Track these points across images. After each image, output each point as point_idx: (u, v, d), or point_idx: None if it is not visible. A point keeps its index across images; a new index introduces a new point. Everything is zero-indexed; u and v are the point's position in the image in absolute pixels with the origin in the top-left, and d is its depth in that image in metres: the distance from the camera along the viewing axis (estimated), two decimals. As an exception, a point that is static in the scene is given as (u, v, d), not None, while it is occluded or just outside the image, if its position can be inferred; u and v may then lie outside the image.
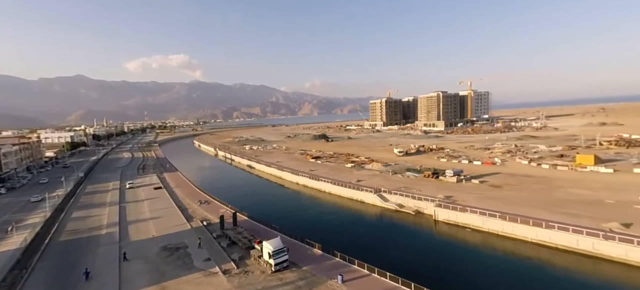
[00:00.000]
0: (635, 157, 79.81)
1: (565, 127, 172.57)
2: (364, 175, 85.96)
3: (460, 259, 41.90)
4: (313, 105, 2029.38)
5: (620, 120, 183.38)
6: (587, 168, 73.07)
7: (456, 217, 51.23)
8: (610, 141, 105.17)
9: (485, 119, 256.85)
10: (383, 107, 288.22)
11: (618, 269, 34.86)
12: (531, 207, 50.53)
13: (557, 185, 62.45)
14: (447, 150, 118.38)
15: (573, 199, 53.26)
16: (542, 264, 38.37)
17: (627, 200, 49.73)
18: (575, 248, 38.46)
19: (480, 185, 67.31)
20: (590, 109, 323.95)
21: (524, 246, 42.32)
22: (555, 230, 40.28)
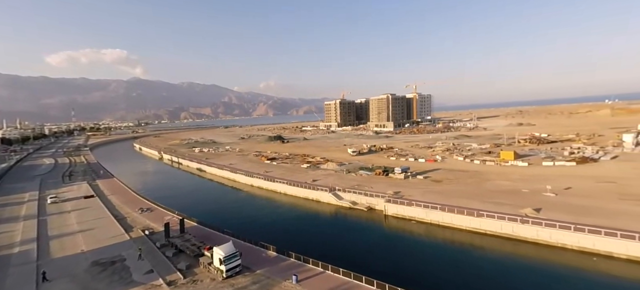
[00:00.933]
0: (543, 153, 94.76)
1: (492, 127, 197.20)
2: (320, 175, 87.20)
3: (406, 249, 45.09)
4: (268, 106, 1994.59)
5: (533, 121, 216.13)
6: (508, 162, 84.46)
7: (404, 211, 54.98)
8: (526, 139, 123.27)
9: (429, 120, 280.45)
10: (337, 108, 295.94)
11: (532, 248, 40.96)
12: (466, 199, 56.59)
13: (486, 178, 70.96)
14: (396, 149, 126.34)
15: (498, 190, 61.12)
16: (474, 248, 43.29)
17: (538, 189, 58.74)
18: (500, 232, 44.18)
19: (424, 181, 73.23)
20: (511, 111, 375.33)
21: (460, 234, 47.19)
22: (484, 218, 45.80)
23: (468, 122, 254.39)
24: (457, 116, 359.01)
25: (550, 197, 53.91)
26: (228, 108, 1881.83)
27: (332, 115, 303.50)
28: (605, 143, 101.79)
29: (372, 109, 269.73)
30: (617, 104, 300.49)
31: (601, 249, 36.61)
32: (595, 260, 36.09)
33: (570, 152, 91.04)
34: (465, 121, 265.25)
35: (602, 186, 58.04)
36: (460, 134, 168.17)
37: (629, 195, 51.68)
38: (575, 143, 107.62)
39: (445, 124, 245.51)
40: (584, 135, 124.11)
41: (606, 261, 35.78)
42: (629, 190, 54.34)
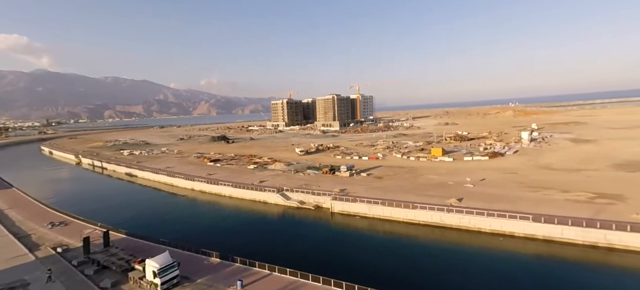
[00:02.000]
0: (464, 149, 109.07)
1: (424, 127, 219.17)
2: (267, 175, 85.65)
3: (352, 244, 47.32)
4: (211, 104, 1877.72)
5: (456, 121, 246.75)
6: (437, 158, 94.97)
7: (349, 208, 57.54)
8: (451, 137, 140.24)
9: (371, 119, 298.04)
10: (284, 107, 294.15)
11: (455, 234, 46.82)
12: (404, 193, 61.88)
13: (419, 173, 78.57)
14: (342, 148, 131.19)
15: (429, 183, 68.30)
16: (410, 238, 47.67)
17: (460, 181, 67.42)
18: (430, 222, 49.48)
19: (368, 178, 77.69)
20: (439, 112, 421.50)
21: (398, 226, 51.40)
22: (418, 209, 50.75)
23: (405, 121, 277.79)
24: (396, 116, 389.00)
25: (469, 187, 62.29)
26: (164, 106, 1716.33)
27: (280, 115, 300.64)
28: (509, 140, 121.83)
29: (319, 109, 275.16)
30: (517, 106, 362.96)
31: (506, 230, 43.80)
32: (502, 240, 43.02)
33: (484, 148, 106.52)
34: (402, 121, 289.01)
35: (507, 176, 69.37)
36: (398, 133, 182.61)
37: (526, 183, 62.85)
38: (487, 140, 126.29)
39: (386, 123, 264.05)
40: (494, 133, 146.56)
41: (509, 240, 42.92)
42: (525, 179, 66.06)
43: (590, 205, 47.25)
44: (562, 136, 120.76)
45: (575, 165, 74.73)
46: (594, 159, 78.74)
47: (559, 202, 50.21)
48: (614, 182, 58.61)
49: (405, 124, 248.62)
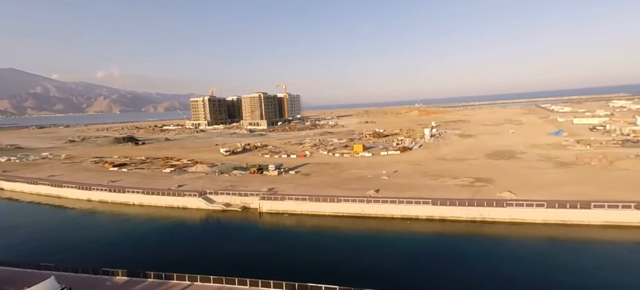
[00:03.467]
0: (381, 145, 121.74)
1: (348, 125, 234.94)
2: (187, 179, 78.48)
3: (281, 242, 47.69)
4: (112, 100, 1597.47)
5: (374, 119, 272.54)
6: (359, 154, 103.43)
7: (277, 206, 57.63)
8: (370, 134, 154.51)
9: (299, 118, 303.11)
10: (206, 105, 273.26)
11: (374, 222, 52.11)
12: (330, 188, 65.34)
13: (344, 169, 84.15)
14: (270, 146, 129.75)
15: (352, 177, 73.94)
16: (335, 230, 50.89)
17: (378, 174, 75.12)
18: (353, 213, 53.77)
19: (296, 175, 79.11)
20: (360, 112, 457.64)
21: (325, 219, 54.14)
22: (342, 202, 54.53)
23: (330, 120, 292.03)
24: (322, 115, 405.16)
25: (385, 179, 70.02)
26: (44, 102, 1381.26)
27: (201, 113, 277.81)
28: (416, 136, 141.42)
29: (245, 107, 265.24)
30: (421, 106, 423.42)
31: (413, 214, 51.04)
32: (409, 223, 50.00)
33: (396, 144, 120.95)
34: (328, 119, 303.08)
35: (414, 167, 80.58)
36: (324, 131, 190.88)
37: (427, 172, 74.26)
38: (399, 136, 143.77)
39: (313, 122, 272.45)
40: (404, 130, 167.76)
41: (415, 222, 50.17)
42: (427, 169, 77.98)
43: (471, 188, 59.06)
44: (453, 132, 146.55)
45: (461, 155, 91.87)
46: (473, 150, 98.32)
47: (451, 186, 61.12)
48: (486, 168, 74.48)
49: (331, 123, 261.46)
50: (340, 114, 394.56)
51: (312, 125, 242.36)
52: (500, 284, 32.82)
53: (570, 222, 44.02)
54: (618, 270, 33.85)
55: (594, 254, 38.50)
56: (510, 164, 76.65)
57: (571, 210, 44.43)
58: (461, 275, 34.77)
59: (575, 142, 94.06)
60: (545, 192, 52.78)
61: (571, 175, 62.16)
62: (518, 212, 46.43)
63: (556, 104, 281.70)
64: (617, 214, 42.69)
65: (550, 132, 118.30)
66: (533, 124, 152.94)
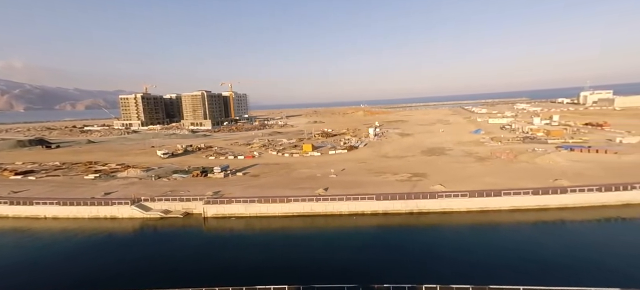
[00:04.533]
0: (329, 144, 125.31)
1: (297, 125, 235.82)
2: (116, 185, 69.84)
3: (228, 246, 45.78)
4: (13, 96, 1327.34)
5: (323, 119, 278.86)
6: (308, 153, 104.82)
7: (224, 210, 55.09)
8: (319, 134, 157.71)
9: (246, 118, 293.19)
10: (139, 103, 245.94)
11: (323, 219, 53.46)
12: (280, 188, 64.90)
13: (293, 168, 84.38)
14: (215, 148, 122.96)
15: (301, 177, 74.64)
16: (285, 230, 50.78)
17: (327, 172, 77.25)
18: (303, 212, 54.33)
19: (244, 177, 76.58)
20: (309, 111, 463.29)
21: (275, 220, 53.62)
22: (292, 202, 54.69)
23: (279, 120, 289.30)
24: (271, 115, 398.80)
25: (333, 177, 72.36)
26: None
27: (133, 112, 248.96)
28: (361, 135, 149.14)
29: (186, 106, 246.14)
30: (366, 107, 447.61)
31: (359, 210, 53.87)
32: (355, 219, 52.68)
33: (344, 143, 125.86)
34: (277, 119, 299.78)
35: (360, 165, 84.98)
36: (273, 131, 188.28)
37: (372, 170, 79.06)
38: (346, 135, 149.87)
39: (261, 122, 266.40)
40: (351, 129, 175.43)
41: (361, 217, 53.01)
42: (372, 166, 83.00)
43: (409, 182, 64.86)
44: (394, 131, 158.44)
45: (401, 153, 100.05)
46: (411, 148, 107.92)
47: (392, 182, 66.18)
48: (422, 164, 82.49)
49: (280, 122, 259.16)
50: (289, 114, 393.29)
51: (260, 125, 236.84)
52: (433, 267, 36.80)
53: (486, 208, 51.54)
54: (522, 246, 40.93)
55: (504, 234, 45.80)
56: (441, 159, 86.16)
57: (487, 198, 52.08)
58: (402, 261, 38.05)
59: (490, 139, 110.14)
60: (468, 183, 60.80)
61: (487, 168, 72.72)
62: (447, 203, 52.60)
63: (476, 106, 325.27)
64: (519, 200, 51.48)
65: (472, 131, 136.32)
66: (458, 124, 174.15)
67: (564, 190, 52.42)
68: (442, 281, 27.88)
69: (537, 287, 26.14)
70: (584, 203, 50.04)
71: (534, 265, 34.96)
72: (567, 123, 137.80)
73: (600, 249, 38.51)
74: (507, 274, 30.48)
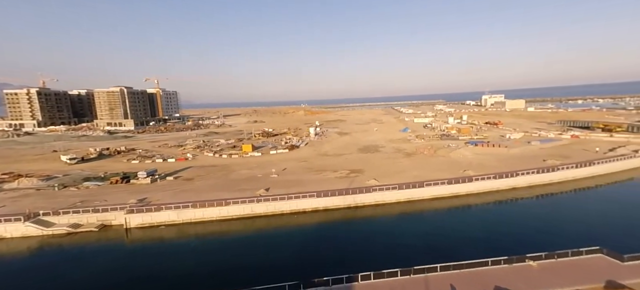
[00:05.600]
0: (270, 144, 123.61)
1: (236, 124, 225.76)
2: (4, 199, 56.58)
3: (155, 258, 41.37)
4: None
5: (263, 119, 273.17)
6: (248, 154, 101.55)
7: (151, 219, 49.64)
8: (259, 134, 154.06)
9: (177, 117, 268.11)
10: (34, 99, 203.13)
11: (264, 220, 52.58)
12: (217, 191, 61.37)
13: (232, 170, 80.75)
14: (140, 150, 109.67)
15: (241, 178, 72.00)
16: (223, 234, 48.42)
17: (268, 172, 76.12)
18: (243, 214, 52.60)
19: (175, 181, 70.12)
20: (249, 111, 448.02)
21: (212, 225, 50.60)
22: (231, 205, 52.38)
23: (216, 119, 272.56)
24: (206, 114, 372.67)
25: (275, 177, 71.73)
26: None
27: (25, 110, 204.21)
28: (302, 134, 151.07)
29: (101, 104, 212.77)
30: (307, 107, 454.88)
31: (300, 208, 54.66)
32: (296, 217, 53.32)
33: (285, 142, 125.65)
34: (213, 119, 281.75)
35: (301, 164, 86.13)
36: (209, 131, 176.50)
37: (313, 168, 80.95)
38: (287, 135, 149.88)
39: (195, 121, 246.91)
40: (292, 129, 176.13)
41: (302, 215, 53.89)
42: (312, 165, 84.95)
43: (347, 179, 68.53)
44: (333, 130, 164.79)
45: (340, 151, 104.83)
46: (349, 146, 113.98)
47: (332, 179, 68.93)
48: (359, 161, 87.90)
49: (217, 122, 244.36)
50: (227, 113, 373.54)
51: (194, 125, 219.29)
52: (368, 255, 39.73)
53: (412, 198, 57.89)
54: (439, 229, 47.24)
55: (426, 219, 52.12)
56: (375, 156, 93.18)
57: (413, 190, 58.54)
58: (342, 254, 40.08)
59: (415, 137, 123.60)
60: (398, 177, 67.29)
61: (413, 163, 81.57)
62: (380, 196, 57.30)
63: (404, 107, 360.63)
64: (438, 189, 59.27)
65: (400, 130, 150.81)
66: (390, 123, 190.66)
67: (470, 179, 62.32)
68: (375, 268, 30.39)
69: (449, 263, 30.64)
70: (484, 189, 60.33)
71: (448, 244, 40.84)
72: (473, 122, 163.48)
73: (496, 227, 47.08)
74: (428, 254, 34.91)
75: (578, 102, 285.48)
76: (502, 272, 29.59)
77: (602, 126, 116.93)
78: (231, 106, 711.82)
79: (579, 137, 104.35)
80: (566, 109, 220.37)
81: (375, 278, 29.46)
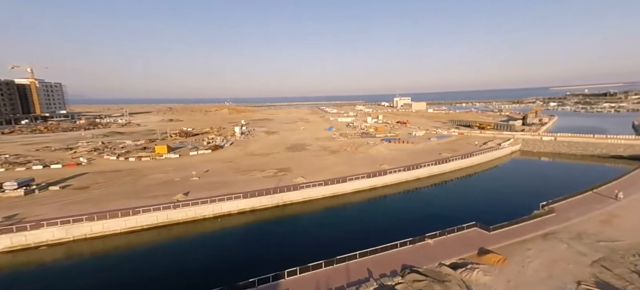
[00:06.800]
0: (190, 144, 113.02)
1: (146, 123, 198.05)
2: None
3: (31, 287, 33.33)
4: None
5: (181, 117, 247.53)
6: (163, 156, 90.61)
7: (26, 239, 39.69)
8: (176, 133, 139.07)
9: (64, 114, 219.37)
10: None
11: (182, 227, 47.97)
12: (123, 200, 52.90)
13: (143, 175, 70.82)
14: (6, 156, 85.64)
15: (155, 183, 63.86)
16: (131, 248, 42.20)
17: (187, 176, 69.55)
18: (157, 223, 46.81)
19: (62, 191, 57.59)
20: (162, 108, 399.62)
21: (116, 239, 43.46)
22: (141, 214, 45.95)
23: (119, 117, 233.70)
24: (106, 111, 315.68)
25: (195, 180, 66.07)
26: None
27: None
28: (227, 133, 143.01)
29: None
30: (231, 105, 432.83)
31: (225, 211, 51.92)
32: (220, 220, 50.53)
33: (207, 142, 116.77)
34: (116, 117, 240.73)
35: (226, 165, 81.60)
36: (111, 131, 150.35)
37: (239, 168, 77.68)
38: (210, 134, 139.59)
39: (90, 120, 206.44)
40: (215, 128, 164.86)
41: (228, 218, 51.32)
42: (239, 165, 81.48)
43: (275, 178, 68.27)
44: (260, 129, 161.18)
45: (267, 150, 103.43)
46: (277, 145, 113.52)
47: (259, 179, 67.56)
48: (287, 159, 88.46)
49: (121, 121, 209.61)
50: (134, 111, 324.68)
51: (89, 124, 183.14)
52: (296, 251, 40.63)
53: (337, 193, 61.62)
54: (360, 220, 51.74)
55: (349, 212, 56.23)
56: (302, 154, 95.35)
57: (337, 185, 62.33)
58: (269, 253, 39.82)
59: (339, 135, 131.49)
60: (324, 173, 70.51)
61: (338, 159, 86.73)
62: (307, 192, 59.10)
63: (329, 106, 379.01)
64: (359, 183, 64.67)
65: (326, 128, 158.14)
66: (316, 122, 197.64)
67: (385, 172, 70.04)
68: (303, 262, 31.38)
69: (367, 249, 34.06)
70: (396, 181, 68.69)
71: (367, 232, 45.17)
72: (387, 121, 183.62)
73: (404, 213, 54.34)
74: (350, 244, 37.83)
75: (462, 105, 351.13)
76: (408, 252, 34.47)
77: (478, 125, 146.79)
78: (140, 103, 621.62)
79: (463, 134, 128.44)
80: (455, 110, 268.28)
81: (301, 272, 30.44)
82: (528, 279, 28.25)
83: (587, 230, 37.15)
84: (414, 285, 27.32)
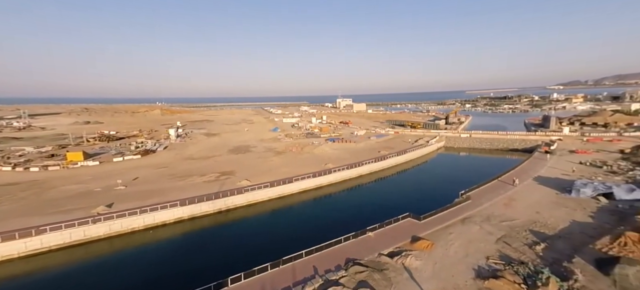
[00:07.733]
0: (113, 150, 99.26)
1: (53, 126, 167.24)
2: None
3: None
4: None
5: (100, 119, 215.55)
6: (77, 164, 77.72)
7: None
8: (95, 137, 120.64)
9: None
10: None
11: (106, 244, 42.06)
12: (19, 217, 43.87)
13: (49, 186, 59.78)
14: None
15: (66, 196, 54.41)
16: (31, 275, 35.31)
17: (111, 185, 61.02)
18: (70, 241, 40.01)
19: None
20: (76, 109, 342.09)
21: (10, 266, 35.81)
22: (47, 233, 38.70)
23: (15, 119, 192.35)
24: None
25: (121, 190, 58.43)
26: None
27: None
28: (160, 136, 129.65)
29: None
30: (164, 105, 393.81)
31: (159, 221, 47.12)
32: (152, 232, 45.71)
33: (135, 147, 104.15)
34: (10, 118, 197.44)
35: (159, 171, 74.01)
36: (3, 136, 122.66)
37: (175, 174, 71.22)
38: (139, 138, 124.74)
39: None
40: (145, 131, 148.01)
41: (162, 229, 46.71)
42: (174, 171, 74.68)
43: (217, 182, 64.56)
44: (199, 131, 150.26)
45: (208, 153, 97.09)
46: (218, 147, 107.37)
47: (199, 184, 63.03)
48: (230, 162, 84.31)
49: (18, 123, 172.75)
50: (37, 112, 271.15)
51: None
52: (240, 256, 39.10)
53: (283, 194, 61.24)
54: (306, 219, 52.41)
55: (296, 212, 56.44)
56: (246, 156, 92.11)
57: (283, 186, 61.97)
58: (211, 261, 37.50)
59: (284, 136, 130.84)
60: (270, 175, 69.32)
61: (284, 160, 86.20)
62: (252, 195, 57.41)
63: (273, 107, 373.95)
64: (305, 183, 65.35)
65: (271, 129, 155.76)
66: (260, 123, 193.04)
67: (330, 171, 72.31)
68: (246, 268, 30.42)
69: (313, 247, 34.77)
70: (340, 179, 71.49)
71: (313, 230, 45.99)
72: (331, 122, 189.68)
73: (348, 210, 56.92)
74: (297, 244, 38.03)
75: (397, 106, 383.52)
76: (351, 245, 36.30)
77: (410, 124, 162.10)
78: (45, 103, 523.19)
79: (398, 132, 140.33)
80: (391, 111, 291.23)
81: (245, 278, 29.53)
82: (450, 259, 32.39)
83: (494, 212, 44.28)
84: (356, 277, 28.91)
